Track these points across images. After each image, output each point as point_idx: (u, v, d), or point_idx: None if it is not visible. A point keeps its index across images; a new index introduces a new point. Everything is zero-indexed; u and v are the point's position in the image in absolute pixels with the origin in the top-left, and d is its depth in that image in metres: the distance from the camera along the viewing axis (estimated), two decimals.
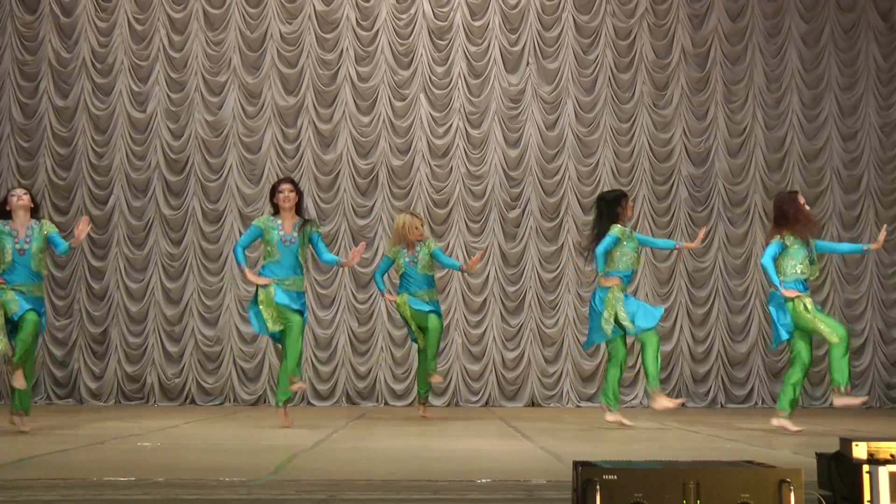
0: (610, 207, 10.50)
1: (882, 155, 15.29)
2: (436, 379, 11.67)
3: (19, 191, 9.75)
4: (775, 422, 9.94)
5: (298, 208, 10.21)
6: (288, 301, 9.99)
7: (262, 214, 10.78)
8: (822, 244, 10.67)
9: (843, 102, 15.31)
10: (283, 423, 10.00)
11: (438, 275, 12.95)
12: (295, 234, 10.06)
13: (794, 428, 9.79)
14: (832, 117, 15.27)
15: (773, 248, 9.91)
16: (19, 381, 9.27)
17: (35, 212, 9.74)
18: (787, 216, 9.97)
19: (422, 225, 11.75)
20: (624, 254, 10.43)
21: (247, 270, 10.08)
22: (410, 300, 11.50)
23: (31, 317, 9.37)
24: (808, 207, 10.15)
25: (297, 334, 9.96)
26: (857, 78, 15.33)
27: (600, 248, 10.35)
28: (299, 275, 10.13)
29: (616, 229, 10.38)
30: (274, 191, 10.20)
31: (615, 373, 10.48)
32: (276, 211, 10.17)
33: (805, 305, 9.82)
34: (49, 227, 9.68)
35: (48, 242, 9.64)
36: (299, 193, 10.20)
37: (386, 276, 11.97)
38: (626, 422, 10.41)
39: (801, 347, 9.92)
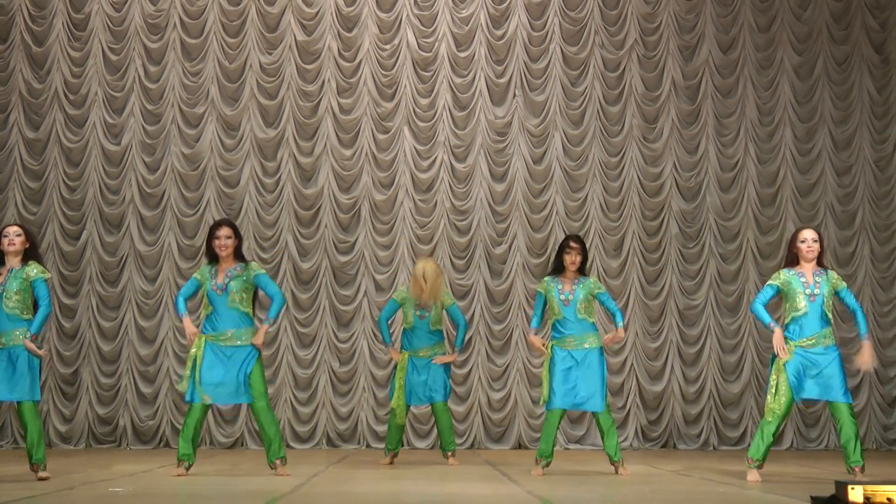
0: (555, 258, 10.01)
1: (877, 190, 15.10)
2: (453, 462, 11.16)
3: (11, 231, 9.16)
4: None
5: (237, 253, 9.48)
6: (212, 375, 9.32)
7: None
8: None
9: (837, 136, 15.12)
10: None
11: None
12: (227, 282, 9.30)
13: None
14: (826, 151, 15.08)
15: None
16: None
17: (33, 251, 9.25)
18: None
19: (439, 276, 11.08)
20: (551, 306, 9.89)
21: (185, 319, 9.42)
22: (411, 378, 10.99)
23: (26, 408, 8.95)
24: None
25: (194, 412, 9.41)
26: (850, 111, 15.17)
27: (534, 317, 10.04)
28: (241, 327, 9.34)
29: (543, 283, 9.92)
30: (210, 235, 9.45)
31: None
32: (214, 257, 9.44)
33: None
34: (36, 273, 9.13)
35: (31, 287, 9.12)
36: (238, 238, 9.48)
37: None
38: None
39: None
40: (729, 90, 15.08)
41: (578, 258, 9.77)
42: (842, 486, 4.75)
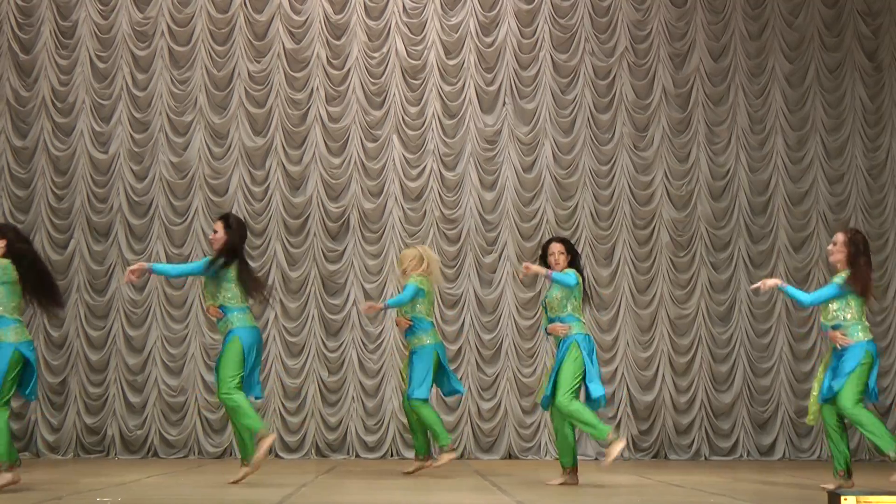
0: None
1: (869, 198, 15.00)
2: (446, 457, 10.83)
3: None
4: None
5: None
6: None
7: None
8: None
9: (829, 144, 15.03)
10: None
11: None
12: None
13: None
14: (818, 159, 14.98)
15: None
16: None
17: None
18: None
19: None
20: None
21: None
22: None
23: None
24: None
25: None
26: (843, 119, 15.07)
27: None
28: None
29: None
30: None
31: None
32: None
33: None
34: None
35: None
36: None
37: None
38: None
39: None
40: (720, 98, 15.00)
41: (562, 258, 9.87)
42: (835, 497, 4.67)
